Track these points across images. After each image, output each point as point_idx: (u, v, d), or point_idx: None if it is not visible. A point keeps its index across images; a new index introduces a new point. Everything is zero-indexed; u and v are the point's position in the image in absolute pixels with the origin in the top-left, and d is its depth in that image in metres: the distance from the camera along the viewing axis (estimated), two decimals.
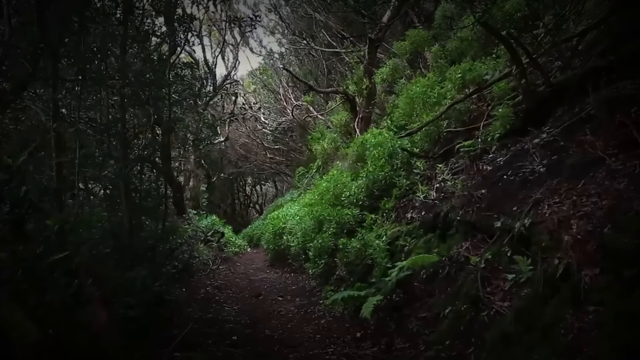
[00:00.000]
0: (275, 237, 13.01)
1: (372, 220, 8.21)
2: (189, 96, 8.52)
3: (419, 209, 7.07)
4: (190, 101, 8.85)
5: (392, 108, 11.09)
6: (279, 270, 12.16)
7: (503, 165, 5.78)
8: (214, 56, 20.36)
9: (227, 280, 10.89)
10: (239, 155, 29.14)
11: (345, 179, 10.07)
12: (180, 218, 14.86)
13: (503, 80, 7.43)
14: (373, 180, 8.77)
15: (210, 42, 21.54)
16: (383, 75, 12.39)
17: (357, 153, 10.10)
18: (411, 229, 6.79)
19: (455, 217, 5.68)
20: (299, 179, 18.39)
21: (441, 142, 8.14)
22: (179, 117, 8.34)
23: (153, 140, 7.91)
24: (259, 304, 8.53)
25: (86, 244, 4.94)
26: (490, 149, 6.66)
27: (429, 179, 7.64)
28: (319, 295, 8.39)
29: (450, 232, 5.69)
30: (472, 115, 7.98)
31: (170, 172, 14.69)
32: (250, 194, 39.71)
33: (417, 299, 5.60)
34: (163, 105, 7.59)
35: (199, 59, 19.78)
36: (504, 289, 4.13)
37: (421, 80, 9.28)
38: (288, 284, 10.15)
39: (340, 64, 19.20)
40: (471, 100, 8.19)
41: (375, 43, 12.90)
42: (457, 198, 6.04)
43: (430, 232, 6.31)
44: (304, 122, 21.59)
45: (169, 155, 13.18)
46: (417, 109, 8.90)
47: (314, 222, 9.85)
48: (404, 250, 6.63)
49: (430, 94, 8.70)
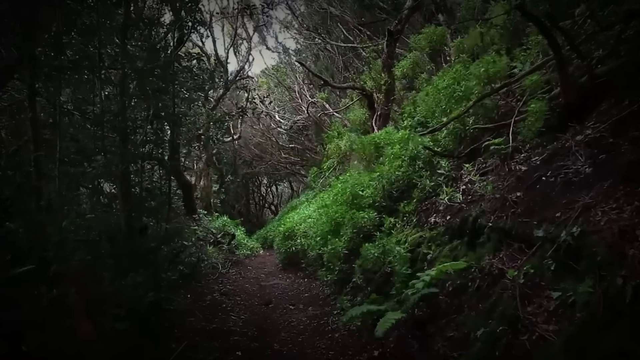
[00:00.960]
0: (287, 240, 12.54)
1: (391, 224, 7.66)
2: (194, 89, 8.02)
3: (444, 212, 6.50)
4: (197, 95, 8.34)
5: (412, 104, 10.54)
6: (291, 275, 11.66)
7: (540, 165, 5.20)
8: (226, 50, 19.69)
9: (236, 286, 10.42)
10: (254, 155, 28.74)
11: (362, 179, 9.54)
12: (189, 219, 14.49)
13: (535, 73, 6.85)
14: (391, 180, 8.23)
15: (223, 35, 21.10)
16: (403, 69, 11.81)
17: (374, 152, 9.55)
18: (435, 235, 6.23)
19: (486, 223, 5.11)
20: (313, 179, 17.86)
21: (467, 140, 7.57)
22: (183, 111, 7.87)
23: (155, 136, 7.43)
24: (268, 313, 8.04)
25: (71, 248, 4.46)
26: (522, 148, 6.08)
27: (454, 180, 7.07)
28: (333, 305, 7.88)
29: (481, 239, 5.12)
30: (501, 111, 7.41)
31: (179, 170, 14.31)
32: (265, 195, 39.33)
33: (442, 314, 5.04)
34: (166, 97, 7.13)
35: (210, 54, 19.40)
36: (548, 310, 3.56)
37: (448, 73, 8.68)
38: (301, 291, 9.64)
39: (357, 60, 18.64)
40: (499, 96, 7.61)
41: (394, 36, 12.32)
42: (487, 201, 5.46)
43: (456, 239, 5.74)
44: (319, 120, 21.07)
45: (176, 152, 12.78)
46: (440, 105, 8.33)
47: (328, 225, 9.36)
48: (427, 258, 6.07)
49: (455, 89, 8.12)
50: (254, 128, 27.22)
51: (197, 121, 9.91)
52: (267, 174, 33.61)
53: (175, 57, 8.23)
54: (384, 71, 12.63)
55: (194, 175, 18.93)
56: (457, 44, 9.87)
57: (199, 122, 9.82)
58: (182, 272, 9.15)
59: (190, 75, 7.81)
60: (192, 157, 17.26)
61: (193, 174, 19.17)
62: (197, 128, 9.76)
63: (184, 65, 8.01)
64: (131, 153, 6.57)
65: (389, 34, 12.27)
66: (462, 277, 5.04)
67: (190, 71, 7.90)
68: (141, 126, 6.83)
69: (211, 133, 11.80)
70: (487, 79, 7.75)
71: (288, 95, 24.81)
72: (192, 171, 18.86)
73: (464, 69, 8.65)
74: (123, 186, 6.74)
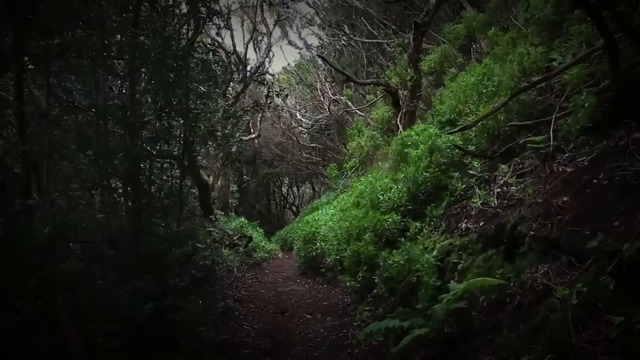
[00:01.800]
0: (306, 244, 12.12)
1: (417, 230, 7.16)
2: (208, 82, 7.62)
3: (476, 218, 5.97)
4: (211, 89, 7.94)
5: (440, 101, 9.99)
6: (310, 280, 11.23)
7: (589, 166, 4.63)
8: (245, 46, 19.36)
9: (251, 291, 10.02)
10: (274, 154, 28.43)
11: (386, 180, 9.05)
12: (205, 219, 14.19)
13: (577, 65, 6.27)
14: (417, 182, 7.71)
15: (243, 30, 20.79)
16: (430, 63, 11.25)
17: (399, 151, 9.02)
18: (466, 243, 5.70)
19: (526, 231, 4.57)
20: (334, 179, 17.42)
21: (501, 139, 7.01)
22: (197, 106, 7.48)
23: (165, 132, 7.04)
24: (284, 322, 7.61)
25: (61, 253, 4.08)
26: (565, 147, 5.50)
27: (486, 182, 6.52)
28: (353, 315, 7.40)
29: (521, 250, 4.57)
30: (538, 107, 6.85)
31: (196, 169, 14.00)
32: (286, 195, 39.04)
33: (476, 333, 4.52)
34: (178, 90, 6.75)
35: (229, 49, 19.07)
36: (608, 338, 3.02)
37: (477, 68, 8.12)
38: (319, 299, 9.18)
39: (381, 56, 18.11)
40: (536, 91, 7.05)
41: (421, 28, 11.75)
42: (527, 207, 4.92)
43: (491, 248, 5.19)
44: (341, 118, 20.59)
45: (192, 150, 12.44)
46: (471, 101, 7.79)
47: (349, 228, 8.90)
48: (457, 268, 5.55)
49: (486, 84, 7.58)
50: (275, 127, 26.91)
51: (212, 117, 9.48)
52: (289, 175, 33.32)
53: (188, 48, 7.87)
54: (410, 66, 12.08)
55: (211, 175, 18.63)
56: (490, 35, 9.27)
57: (214, 118, 9.39)
58: (195, 276, 8.80)
59: (203, 68, 7.40)
60: (209, 156, 16.93)
61: (211, 173, 18.88)
62: (211, 124, 9.36)
63: (198, 57, 7.63)
64: (138, 149, 6.18)
65: (415, 27, 11.71)
66: (499, 291, 4.51)
67: (204, 63, 7.49)
68: (149, 121, 6.45)
69: (227, 130, 11.39)
70: (522, 72, 7.20)
71: (310, 93, 24.40)
72: (210, 170, 18.55)
73: (496, 62, 8.09)
74: (129, 185, 6.38)
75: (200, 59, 7.95)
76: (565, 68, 6.46)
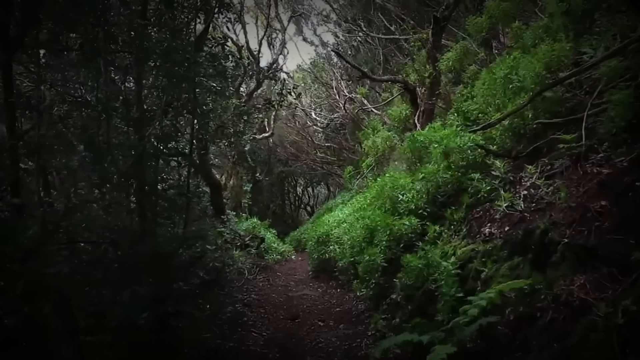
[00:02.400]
0: (319, 245, 11.79)
1: (436, 234, 6.78)
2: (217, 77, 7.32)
3: (501, 222, 5.58)
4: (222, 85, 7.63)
5: (460, 99, 9.58)
6: (323, 284, 10.89)
7: (629, 167, 4.23)
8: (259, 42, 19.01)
9: (261, 295, 9.71)
10: (289, 153, 28.14)
11: (402, 181, 8.67)
12: (217, 220, 13.96)
13: (611, 59, 5.84)
14: (436, 183, 7.34)
15: (257, 27, 20.50)
16: (449, 62, 10.82)
17: (417, 150, 8.63)
18: (490, 249, 5.31)
19: (559, 239, 4.18)
20: (349, 179, 17.05)
21: (527, 138, 6.60)
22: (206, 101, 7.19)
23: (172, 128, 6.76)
24: (294, 329, 7.28)
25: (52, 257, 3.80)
26: (599, 146, 5.09)
27: (511, 184, 6.13)
28: (367, 324, 7.05)
29: (553, 259, 4.18)
30: (567, 104, 6.43)
31: (207, 168, 13.78)
32: (301, 195, 38.77)
33: (502, 350, 4.14)
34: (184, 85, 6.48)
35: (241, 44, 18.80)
36: None
37: (503, 62, 7.70)
38: (332, 304, 8.84)
39: (398, 53, 17.69)
40: (564, 87, 6.63)
41: (441, 23, 11.35)
42: (559, 211, 4.53)
43: (517, 256, 4.80)
44: (357, 117, 20.22)
45: (202, 148, 12.22)
46: (495, 98, 7.38)
47: (364, 231, 8.55)
48: (480, 277, 5.17)
49: (512, 79, 7.16)
50: (289, 126, 26.65)
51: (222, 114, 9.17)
52: (303, 175, 33.05)
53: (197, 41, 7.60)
54: (428, 62, 11.67)
55: (224, 174, 18.40)
56: (514, 29, 8.83)
57: (225, 115, 9.07)
58: (203, 279, 8.53)
59: (212, 61, 7.10)
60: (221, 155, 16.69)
61: (224, 172, 18.66)
62: (222, 121, 9.05)
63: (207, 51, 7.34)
64: (141, 145, 5.90)
65: (435, 21, 11.30)
66: (528, 303, 4.13)
67: (214, 57, 7.19)
68: (154, 117, 6.16)
69: (238, 128, 11.08)
70: (549, 67, 6.79)
71: (325, 92, 24.07)
72: (222, 169, 18.33)
73: (522, 56, 7.66)
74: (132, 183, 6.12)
75: (209, 52, 7.66)
76: (597, 62, 6.04)
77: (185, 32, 7.33)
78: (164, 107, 6.19)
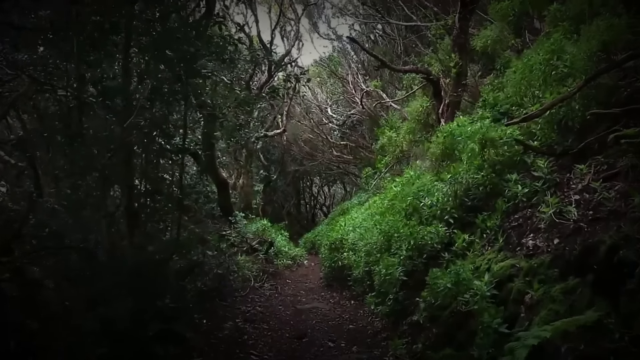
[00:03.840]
0: (332, 252, 11.00)
1: (465, 244, 5.90)
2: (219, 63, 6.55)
3: (547, 233, 4.69)
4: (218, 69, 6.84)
5: (491, 90, 8.64)
6: (335, 294, 10.07)
7: None
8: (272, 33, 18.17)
9: (266, 307, 8.89)
10: (304, 152, 27.35)
11: (426, 182, 7.80)
12: (224, 222, 13.23)
13: None
14: (465, 185, 6.45)
15: (270, 18, 19.70)
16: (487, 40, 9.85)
17: (443, 147, 7.71)
18: (536, 267, 4.41)
19: (635, 259, 3.27)
20: (366, 179, 16.21)
21: (576, 132, 5.68)
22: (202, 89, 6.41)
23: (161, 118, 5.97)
24: (300, 351, 6.46)
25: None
26: None
27: (557, 187, 5.22)
28: (384, 346, 6.20)
29: (628, 285, 3.27)
30: (624, 92, 5.50)
31: (213, 166, 13.04)
32: (317, 195, 38.01)
33: None
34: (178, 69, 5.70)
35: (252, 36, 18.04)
36: None
37: (544, 45, 6.76)
38: (344, 320, 7.99)
39: (419, 43, 16.73)
40: (620, 72, 5.69)
41: (468, 7, 10.40)
42: (633, 222, 3.62)
43: (573, 276, 3.90)
44: (374, 112, 19.31)
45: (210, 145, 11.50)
46: (536, 85, 6.46)
47: (381, 237, 7.73)
48: (524, 300, 4.28)
49: (555, 64, 6.23)
50: (303, 123, 25.87)
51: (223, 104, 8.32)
52: (319, 174, 32.29)
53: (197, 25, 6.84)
54: (454, 50, 10.72)
55: (233, 173, 17.68)
56: (553, 10, 7.88)
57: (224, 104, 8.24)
58: (201, 290, 7.77)
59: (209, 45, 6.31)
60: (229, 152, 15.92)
61: (233, 171, 17.94)
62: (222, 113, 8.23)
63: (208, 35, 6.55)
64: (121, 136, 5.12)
65: (462, 5, 10.35)
66: (592, 342, 3.24)
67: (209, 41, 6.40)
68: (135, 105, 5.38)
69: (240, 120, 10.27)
70: (600, 50, 5.86)
71: (341, 87, 23.23)
72: (232, 168, 17.61)
73: (565, 39, 6.72)
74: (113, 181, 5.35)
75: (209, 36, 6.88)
76: None
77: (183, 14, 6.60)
78: (150, 94, 5.40)
